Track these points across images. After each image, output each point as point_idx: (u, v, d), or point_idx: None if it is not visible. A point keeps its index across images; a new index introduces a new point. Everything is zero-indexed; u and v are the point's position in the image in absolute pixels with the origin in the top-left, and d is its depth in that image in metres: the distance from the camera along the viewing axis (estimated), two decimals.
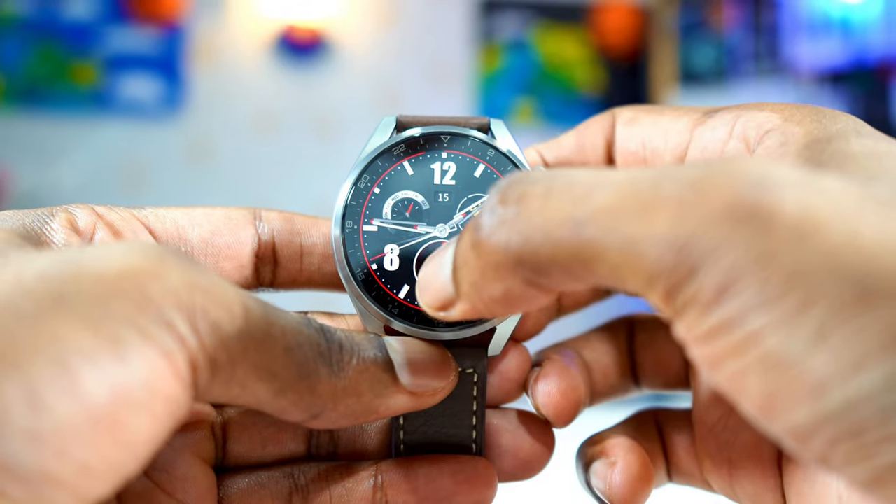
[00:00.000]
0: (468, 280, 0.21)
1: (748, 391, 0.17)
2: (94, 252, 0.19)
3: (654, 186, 0.18)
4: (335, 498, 0.26)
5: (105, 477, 0.17)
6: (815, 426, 0.16)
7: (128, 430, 0.17)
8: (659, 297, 0.18)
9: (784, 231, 0.16)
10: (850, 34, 2.09)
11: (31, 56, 2.38)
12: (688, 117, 0.27)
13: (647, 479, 0.27)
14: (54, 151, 2.39)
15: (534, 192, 0.19)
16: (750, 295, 0.16)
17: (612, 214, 0.18)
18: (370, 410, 0.24)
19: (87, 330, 0.17)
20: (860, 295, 0.15)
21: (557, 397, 0.27)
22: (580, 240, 0.18)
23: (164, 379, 0.18)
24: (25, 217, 0.24)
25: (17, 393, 0.16)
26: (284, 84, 2.52)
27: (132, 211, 0.27)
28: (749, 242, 0.16)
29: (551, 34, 2.66)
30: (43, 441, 0.16)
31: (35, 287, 0.18)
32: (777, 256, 0.16)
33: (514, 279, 0.20)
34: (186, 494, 0.25)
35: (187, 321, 0.19)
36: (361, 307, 0.27)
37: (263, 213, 0.29)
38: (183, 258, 0.20)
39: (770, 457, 0.26)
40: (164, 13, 2.44)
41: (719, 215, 0.16)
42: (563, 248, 0.19)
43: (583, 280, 0.19)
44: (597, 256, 0.18)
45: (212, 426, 0.27)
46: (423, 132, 0.28)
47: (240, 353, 0.20)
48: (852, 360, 0.15)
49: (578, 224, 0.18)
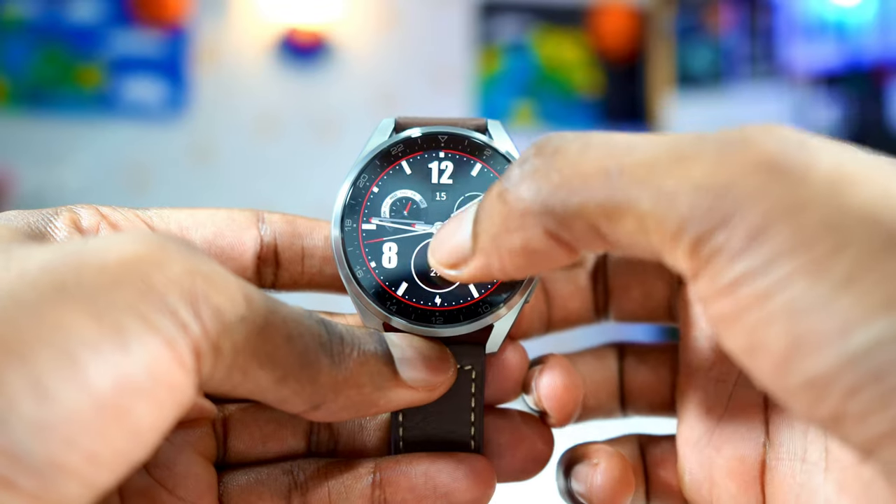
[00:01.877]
0: (489, 231, 0.21)
1: (769, 342, 0.16)
2: (97, 242, 0.19)
3: (693, 142, 0.18)
4: (334, 494, 0.26)
5: (112, 465, 0.17)
6: (837, 371, 0.16)
7: (133, 417, 0.17)
8: (683, 251, 0.18)
9: (819, 183, 0.16)
10: (844, 37, 2.09)
11: (37, 58, 2.38)
12: None
13: (627, 482, 0.27)
14: (59, 153, 2.39)
15: (571, 146, 0.20)
16: (781, 241, 0.16)
17: (648, 166, 0.18)
18: (370, 403, 0.24)
19: (90, 319, 0.17)
20: (888, 243, 0.15)
21: (561, 391, 0.27)
22: (612, 189, 0.18)
23: (168, 366, 0.18)
24: (30, 217, 0.24)
25: (23, 383, 0.16)
26: (286, 86, 2.52)
27: (136, 212, 0.27)
28: (785, 191, 0.16)
29: (550, 37, 2.66)
30: (50, 430, 0.16)
31: (38, 278, 0.18)
32: (811, 205, 0.16)
33: (536, 229, 0.20)
34: (187, 491, 0.25)
35: (190, 308, 0.19)
36: (361, 305, 0.27)
37: (266, 215, 0.29)
38: (184, 246, 0.20)
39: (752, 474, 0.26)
40: (167, 16, 2.45)
41: (757, 166, 0.17)
42: (594, 198, 0.19)
43: (605, 237, 0.19)
44: (625, 207, 0.18)
45: (213, 423, 0.27)
46: (421, 133, 0.28)
47: (242, 339, 0.20)
48: (880, 302, 0.15)
49: (612, 175, 0.18)
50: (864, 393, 0.15)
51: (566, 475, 0.28)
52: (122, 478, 0.18)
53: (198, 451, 0.26)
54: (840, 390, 0.16)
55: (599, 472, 0.26)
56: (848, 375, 0.15)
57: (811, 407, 0.16)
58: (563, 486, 0.28)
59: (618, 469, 0.26)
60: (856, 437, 0.16)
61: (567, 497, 0.28)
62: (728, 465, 0.26)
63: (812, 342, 0.16)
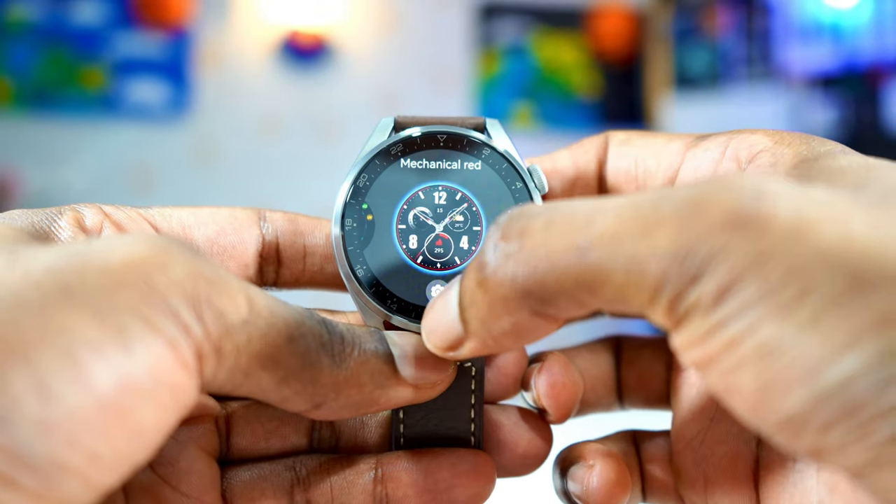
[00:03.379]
0: (477, 318, 0.21)
1: (742, 386, 0.17)
2: (101, 244, 0.19)
3: (653, 207, 0.18)
4: (336, 490, 0.26)
5: (114, 465, 0.17)
6: (809, 410, 0.16)
7: (135, 418, 0.17)
8: (662, 311, 0.18)
9: (780, 232, 0.16)
10: (840, 39, 2.09)
11: (41, 60, 2.38)
12: (680, 140, 0.28)
13: (623, 484, 0.27)
14: (63, 154, 2.39)
15: (535, 224, 0.20)
16: (749, 292, 0.16)
17: (615, 237, 0.18)
18: (371, 401, 0.24)
19: (93, 321, 0.17)
20: (853, 284, 0.15)
21: (560, 388, 0.27)
22: (584, 265, 0.19)
23: (170, 368, 0.18)
24: (34, 216, 0.24)
25: (26, 383, 0.16)
26: (288, 88, 2.52)
27: (139, 210, 0.27)
28: (747, 245, 0.16)
29: (549, 39, 2.66)
30: (52, 430, 0.16)
31: (43, 279, 0.18)
32: (774, 255, 0.16)
33: (522, 311, 0.20)
34: (191, 487, 0.25)
35: (192, 310, 0.19)
36: (361, 303, 0.27)
37: (268, 213, 0.29)
38: (187, 249, 0.20)
39: (746, 472, 0.26)
40: (171, 19, 2.45)
41: (718, 225, 0.17)
42: (569, 275, 0.19)
43: (588, 305, 0.20)
44: (601, 279, 0.18)
45: (216, 420, 0.27)
46: (420, 132, 0.28)
47: (244, 341, 0.20)
48: (845, 340, 0.15)
49: (582, 250, 0.19)
50: (839, 427, 0.15)
51: (562, 476, 0.28)
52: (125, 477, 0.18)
53: (201, 447, 0.26)
54: (815, 427, 0.16)
55: (595, 473, 0.26)
56: (821, 413, 0.16)
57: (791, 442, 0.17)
58: (560, 487, 0.28)
59: (613, 470, 0.27)
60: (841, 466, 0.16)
61: (563, 497, 0.28)
62: (722, 462, 0.26)
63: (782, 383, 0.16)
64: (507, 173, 0.28)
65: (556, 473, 0.28)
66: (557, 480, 0.28)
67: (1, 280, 0.18)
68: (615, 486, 0.26)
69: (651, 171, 0.29)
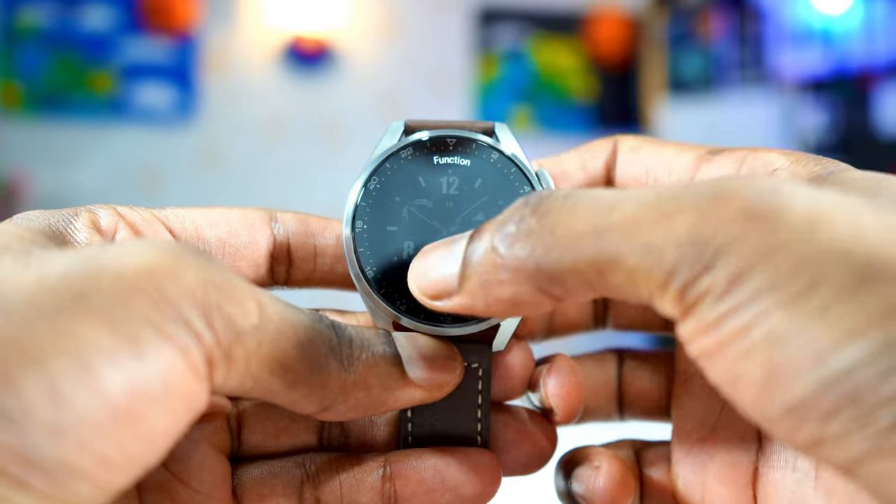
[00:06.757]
0: (479, 277, 0.21)
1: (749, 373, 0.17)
2: (114, 250, 0.20)
3: (674, 197, 0.18)
4: (345, 487, 0.26)
5: (124, 468, 0.18)
6: (814, 396, 0.16)
7: (146, 423, 0.18)
8: (671, 298, 0.18)
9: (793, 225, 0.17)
10: (831, 44, 2.08)
11: (51, 65, 2.40)
12: (692, 153, 0.28)
13: (628, 485, 0.27)
14: (72, 156, 2.41)
15: (560, 206, 0.20)
16: (761, 280, 0.16)
17: (634, 223, 0.19)
18: (379, 403, 0.24)
19: (106, 328, 0.17)
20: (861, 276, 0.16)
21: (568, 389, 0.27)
22: (600, 247, 0.19)
23: (181, 375, 0.18)
24: (51, 217, 0.24)
25: (40, 388, 0.16)
26: (292, 92, 2.54)
27: (153, 211, 0.27)
28: (761, 236, 0.17)
29: (546, 44, 2.68)
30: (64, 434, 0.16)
31: (57, 285, 0.18)
32: (787, 246, 0.16)
33: (528, 285, 0.20)
34: (202, 483, 0.25)
35: (203, 318, 0.19)
36: (371, 304, 0.27)
37: (279, 214, 0.29)
38: (199, 256, 0.20)
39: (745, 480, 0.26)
40: (177, 24, 2.47)
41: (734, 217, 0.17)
42: (584, 258, 0.19)
43: (596, 288, 0.20)
44: (614, 262, 0.19)
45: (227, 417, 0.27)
46: (430, 135, 0.28)
47: (254, 347, 0.20)
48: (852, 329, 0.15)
49: (600, 233, 0.19)
50: (841, 415, 0.16)
51: (566, 477, 0.28)
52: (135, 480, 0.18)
53: (212, 444, 0.26)
54: (818, 414, 0.16)
55: (601, 474, 0.27)
56: (825, 399, 0.16)
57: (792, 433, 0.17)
58: (563, 488, 0.28)
59: (619, 472, 0.27)
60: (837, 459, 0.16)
61: (566, 499, 0.28)
62: (721, 471, 0.26)
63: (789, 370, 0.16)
64: (516, 177, 0.28)
65: (560, 475, 0.28)
66: (560, 482, 0.28)
67: (16, 283, 0.18)
68: (620, 488, 0.27)
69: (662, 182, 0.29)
